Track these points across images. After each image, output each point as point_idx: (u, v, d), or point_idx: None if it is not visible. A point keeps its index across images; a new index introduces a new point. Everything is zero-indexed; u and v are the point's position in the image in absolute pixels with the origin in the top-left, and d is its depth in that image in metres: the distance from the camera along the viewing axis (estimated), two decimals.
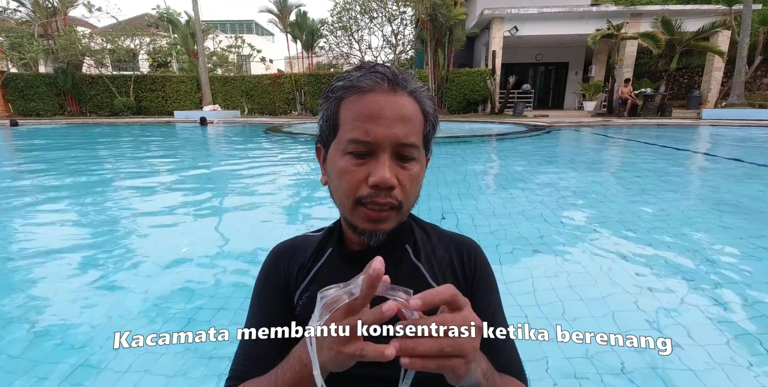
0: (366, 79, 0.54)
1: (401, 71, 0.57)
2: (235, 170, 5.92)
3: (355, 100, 0.54)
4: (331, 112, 0.57)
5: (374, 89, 0.54)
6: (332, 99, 0.57)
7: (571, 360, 1.50)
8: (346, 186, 0.54)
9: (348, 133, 0.54)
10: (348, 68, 0.59)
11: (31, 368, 1.51)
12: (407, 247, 0.65)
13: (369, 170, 0.53)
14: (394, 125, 0.52)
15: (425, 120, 0.58)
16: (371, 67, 0.56)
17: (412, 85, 0.57)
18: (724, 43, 14.03)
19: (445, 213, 3.37)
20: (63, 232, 3.09)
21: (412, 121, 0.55)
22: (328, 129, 0.58)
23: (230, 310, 1.92)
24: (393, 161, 0.53)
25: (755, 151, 7.34)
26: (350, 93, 0.55)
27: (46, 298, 2.06)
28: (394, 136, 0.52)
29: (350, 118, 0.54)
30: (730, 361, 1.51)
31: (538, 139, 9.18)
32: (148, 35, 18.80)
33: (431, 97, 0.60)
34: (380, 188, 0.52)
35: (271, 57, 29.46)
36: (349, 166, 0.54)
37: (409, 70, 0.59)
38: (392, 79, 0.55)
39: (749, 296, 1.98)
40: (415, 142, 0.54)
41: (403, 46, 18.09)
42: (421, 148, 0.57)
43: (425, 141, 0.58)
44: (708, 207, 3.65)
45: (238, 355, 0.61)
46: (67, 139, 10.25)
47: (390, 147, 0.53)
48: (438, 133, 0.62)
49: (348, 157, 0.54)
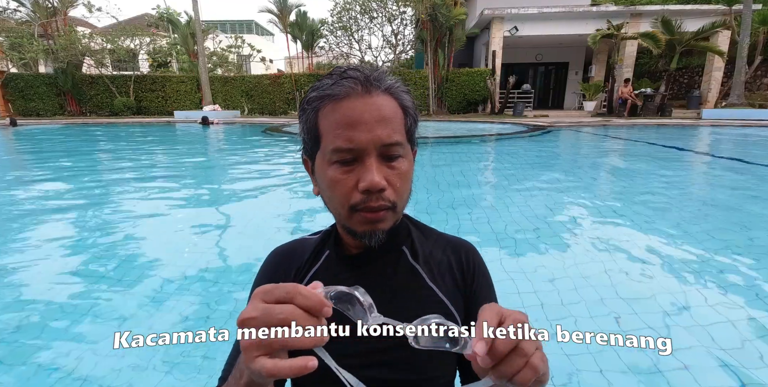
0: (339, 86, 0.53)
1: (373, 70, 0.56)
2: (236, 170, 5.92)
3: (331, 108, 0.54)
4: (311, 124, 0.56)
5: (349, 95, 0.53)
6: (309, 110, 0.56)
7: (565, 349, 1.50)
8: (338, 195, 0.55)
9: (331, 143, 0.53)
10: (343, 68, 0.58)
11: (29, 368, 1.51)
12: (404, 249, 0.65)
13: (357, 176, 0.53)
14: (375, 128, 0.52)
15: (405, 115, 0.57)
16: (342, 72, 0.55)
17: (386, 83, 0.56)
18: (724, 43, 14.03)
19: (446, 213, 3.37)
20: (63, 233, 3.09)
21: (392, 119, 0.54)
22: (311, 141, 0.57)
23: (230, 309, 1.93)
24: (380, 163, 0.53)
25: (755, 150, 7.34)
26: (326, 102, 0.54)
27: (45, 298, 2.06)
28: (378, 139, 0.52)
29: (331, 127, 0.54)
30: (732, 360, 1.51)
31: (538, 139, 9.18)
32: (148, 35, 18.79)
33: (408, 91, 0.59)
34: (371, 192, 0.52)
35: (271, 57, 29.45)
36: (338, 176, 0.54)
37: (381, 68, 0.59)
38: (365, 81, 0.54)
39: (752, 295, 1.98)
40: (399, 139, 0.54)
41: (403, 46, 18.10)
42: (406, 144, 0.56)
43: (409, 135, 0.58)
44: (708, 207, 3.65)
45: (230, 356, 0.61)
46: (69, 139, 10.25)
47: (375, 150, 0.53)
48: (438, 133, 0.62)
49: (335, 167, 0.54)
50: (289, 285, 0.40)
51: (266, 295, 0.40)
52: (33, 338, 1.71)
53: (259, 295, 0.40)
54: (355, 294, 0.43)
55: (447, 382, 0.62)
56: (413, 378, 0.58)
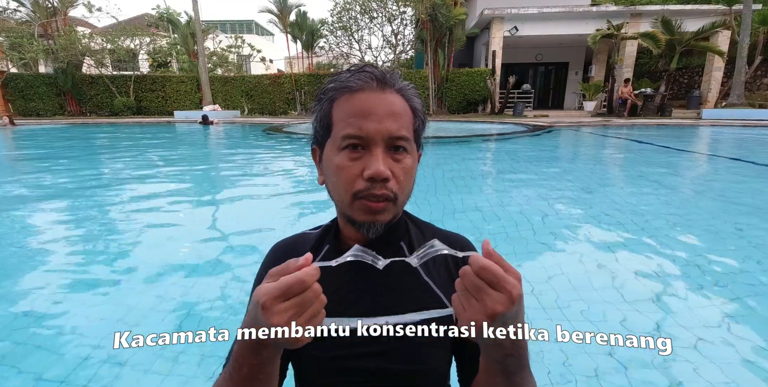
0: (355, 79, 0.57)
1: (388, 71, 0.60)
2: (236, 170, 5.93)
3: (346, 99, 0.57)
4: (324, 113, 0.59)
5: (364, 88, 0.57)
6: (324, 100, 0.60)
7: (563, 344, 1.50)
8: (342, 181, 0.56)
9: (341, 130, 0.56)
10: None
11: (29, 366, 1.51)
12: (402, 244, 0.66)
13: (364, 165, 0.55)
14: (385, 120, 0.55)
15: (414, 116, 0.60)
16: (360, 68, 0.59)
17: (399, 84, 0.59)
18: (724, 43, 14.03)
19: (445, 213, 3.37)
20: (63, 231, 3.09)
21: (402, 116, 0.57)
22: (322, 129, 0.60)
23: (230, 309, 1.93)
24: (386, 154, 0.56)
25: (756, 150, 7.34)
26: (341, 93, 0.58)
27: (45, 298, 2.06)
28: (386, 130, 0.55)
29: (343, 116, 0.57)
30: (734, 359, 1.51)
31: (538, 139, 9.18)
32: (148, 35, 18.80)
33: (418, 95, 0.63)
34: (375, 180, 0.54)
35: (271, 57, 29.46)
36: (345, 162, 0.56)
37: (396, 70, 0.62)
38: (380, 78, 0.57)
39: (754, 295, 1.98)
40: (406, 134, 0.57)
41: (403, 46, 18.10)
42: (413, 142, 0.59)
43: (416, 136, 0.61)
44: (708, 207, 3.65)
45: (233, 345, 0.62)
46: (71, 139, 10.25)
47: (382, 141, 0.55)
48: (438, 133, 0.63)
49: (343, 154, 0.56)
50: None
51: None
52: (33, 338, 1.71)
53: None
54: (358, 254, 0.49)
55: (441, 374, 0.63)
56: (409, 368, 0.59)
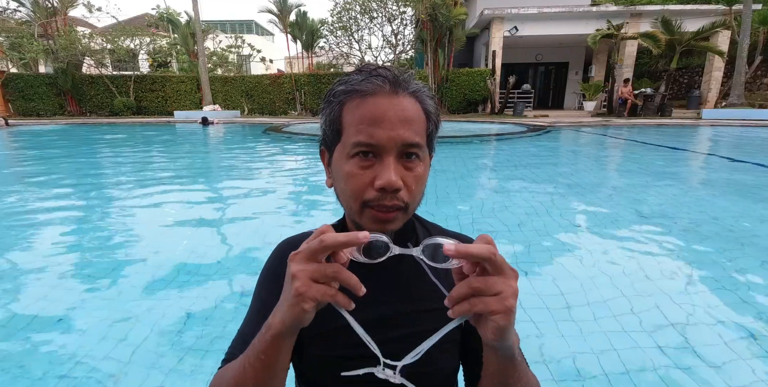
0: (367, 83, 0.54)
1: (402, 72, 0.58)
2: (236, 170, 5.93)
3: (357, 104, 0.54)
4: (334, 117, 0.57)
5: (376, 92, 0.54)
6: (334, 103, 0.57)
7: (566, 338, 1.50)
8: (352, 189, 0.55)
9: (352, 136, 0.54)
10: (348, 69, 0.60)
11: (26, 370, 1.51)
12: (409, 244, 0.66)
13: (375, 173, 0.53)
14: (397, 127, 0.53)
15: (427, 119, 0.58)
16: (372, 70, 0.56)
17: (413, 86, 0.57)
18: (724, 43, 14.04)
19: (446, 213, 3.37)
20: (64, 232, 3.09)
21: (415, 121, 0.55)
22: (332, 133, 0.58)
23: (230, 308, 1.92)
24: (398, 163, 0.54)
25: (756, 150, 7.34)
26: (352, 97, 0.55)
27: (44, 298, 2.06)
28: (399, 138, 0.53)
29: (354, 122, 0.54)
30: (736, 359, 1.51)
31: (537, 139, 9.18)
32: (148, 35, 18.80)
33: (432, 97, 0.60)
34: (386, 191, 0.53)
35: (271, 57, 29.44)
36: (355, 170, 0.54)
37: (410, 71, 0.60)
38: (393, 82, 0.55)
39: (755, 295, 1.98)
40: (419, 141, 0.55)
41: (403, 46, 18.07)
42: (425, 148, 0.57)
43: (428, 140, 0.59)
44: (708, 207, 3.65)
45: (235, 340, 0.62)
46: (65, 139, 10.25)
47: (395, 149, 0.53)
48: (437, 133, 0.62)
49: (353, 161, 0.54)
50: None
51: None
52: (32, 338, 1.71)
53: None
54: (377, 237, 0.47)
55: (447, 376, 0.63)
56: (416, 371, 0.57)
